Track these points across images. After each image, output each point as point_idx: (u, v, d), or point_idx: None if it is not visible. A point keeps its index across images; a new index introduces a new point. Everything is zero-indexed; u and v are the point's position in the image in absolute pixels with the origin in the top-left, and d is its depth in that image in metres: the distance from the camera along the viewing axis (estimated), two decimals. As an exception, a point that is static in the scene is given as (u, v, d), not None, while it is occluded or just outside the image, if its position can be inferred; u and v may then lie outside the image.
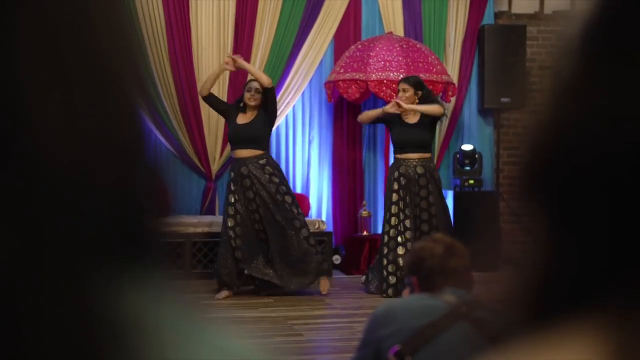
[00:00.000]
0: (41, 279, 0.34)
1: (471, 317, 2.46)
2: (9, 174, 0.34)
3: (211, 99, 7.60)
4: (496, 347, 0.42)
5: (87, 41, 0.37)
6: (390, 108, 7.66)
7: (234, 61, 7.58)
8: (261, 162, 7.44)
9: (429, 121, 7.71)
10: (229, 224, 7.39)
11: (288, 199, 7.47)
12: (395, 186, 7.71)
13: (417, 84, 7.72)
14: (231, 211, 7.40)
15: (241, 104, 7.50)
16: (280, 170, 7.64)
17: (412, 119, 7.69)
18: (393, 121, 7.78)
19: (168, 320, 0.38)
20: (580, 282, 0.40)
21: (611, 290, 0.39)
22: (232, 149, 7.57)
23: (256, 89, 7.42)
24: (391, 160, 9.35)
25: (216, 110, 7.82)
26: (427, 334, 2.46)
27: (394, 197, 7.71)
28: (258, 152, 7.45)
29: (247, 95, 7.44)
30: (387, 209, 7.81)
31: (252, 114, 7.47)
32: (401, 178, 7.71)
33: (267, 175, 7.39)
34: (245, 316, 6.65)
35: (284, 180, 7.58)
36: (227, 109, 7.61)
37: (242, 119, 7.48)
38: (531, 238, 0.43)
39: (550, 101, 0.43)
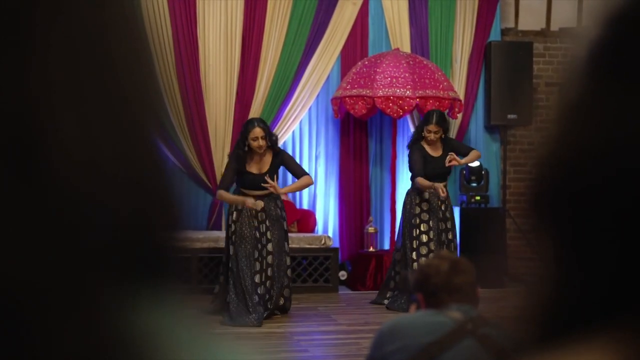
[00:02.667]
0: (53, 294, 0.34)
1: (477, 334, 2.45)
2: (24, 185, 0.34)
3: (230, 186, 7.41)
4: None
5: (108, 61, 0.37)
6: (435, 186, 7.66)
7: (275, 189, 7.21)
8: (274, 195, 7.31)
9: (449, 153, 7.96)
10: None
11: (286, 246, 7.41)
12: (417, 210, 7.80)
13: (442, 121, 7.87)
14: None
15: (246, 148, 7.19)
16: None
17: (437, 152, 7.88)
18: (420, 156, 7.81)
19: (180, 337, 0.38)
20: (590, 301, 0.40)
21: (622, 309, 0.39)
22: (244, 192, 7.27)
23: (262, 136, 7.15)
24: (398, 179, 9.38)
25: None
26: (433, 351, 2.45)
27: (417, 220, 7.79)
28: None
29: (254, 144, 7.13)
30: (409, 231, 7.82)
31: (264, 160, 7.25)
32: (423, 204, 7.82)
33: (278, 210, 7.33)
34: (252, 332, 6.64)
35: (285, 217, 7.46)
36: (237, 169, 7.21)
37: (255, 167, 7.23)
38: (540, 256, 0.43)
39: (558, 120, 0.43)
